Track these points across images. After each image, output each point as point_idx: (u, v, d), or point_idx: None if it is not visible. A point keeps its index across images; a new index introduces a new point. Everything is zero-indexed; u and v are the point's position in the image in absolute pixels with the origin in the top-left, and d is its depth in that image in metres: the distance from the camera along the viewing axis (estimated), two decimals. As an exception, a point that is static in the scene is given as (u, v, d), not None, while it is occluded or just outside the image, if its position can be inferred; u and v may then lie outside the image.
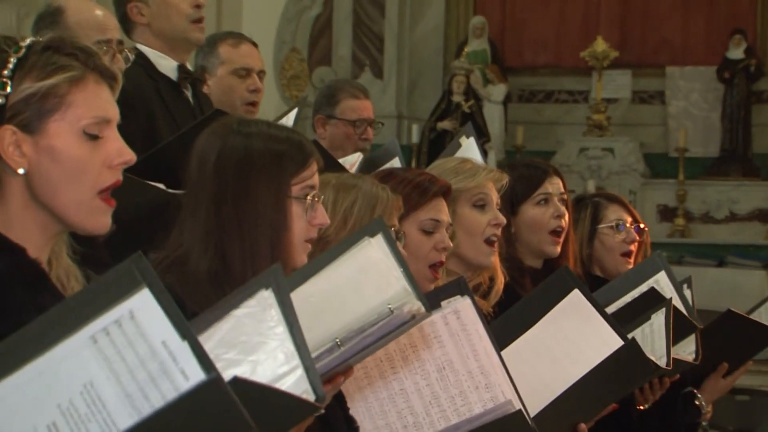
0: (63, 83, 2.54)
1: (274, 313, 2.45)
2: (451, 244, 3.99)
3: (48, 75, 2.54)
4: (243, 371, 2.27)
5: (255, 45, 6.13)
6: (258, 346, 2.41)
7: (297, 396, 2.37)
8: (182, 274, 3.05)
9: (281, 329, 2.43)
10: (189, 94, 5.42)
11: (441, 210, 3.96)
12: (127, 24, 5.40)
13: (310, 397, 2.36)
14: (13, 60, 2.55)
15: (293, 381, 2.37)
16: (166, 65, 5.36)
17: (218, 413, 1.88)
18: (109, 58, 4.47)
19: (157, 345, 1.90)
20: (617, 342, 3.93)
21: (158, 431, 1.86)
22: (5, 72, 2.54)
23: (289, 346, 2.42)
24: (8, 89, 2.53)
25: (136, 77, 5.00)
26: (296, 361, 2.41)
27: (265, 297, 2.45)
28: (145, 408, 1.88)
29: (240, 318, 2.43)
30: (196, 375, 1.89)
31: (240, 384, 2.12)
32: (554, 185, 4.86)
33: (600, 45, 14.25)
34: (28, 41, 2.59)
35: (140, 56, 5.26)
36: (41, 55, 2.56)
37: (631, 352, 3.96)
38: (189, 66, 5.54)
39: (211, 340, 1.95)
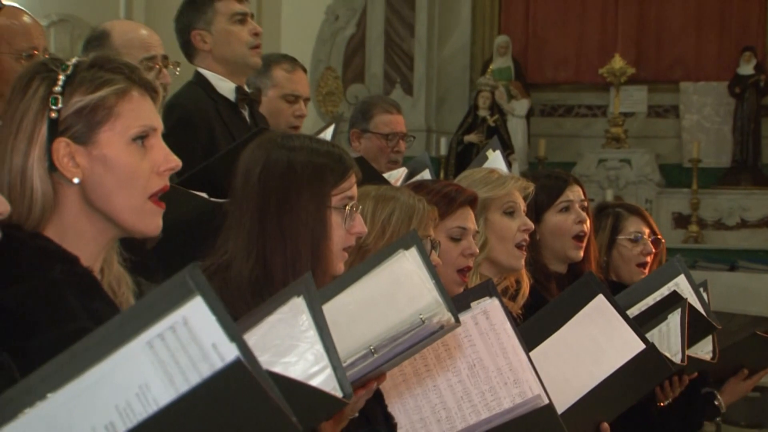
0: (110, 96, 2.54)
1: (305, 318, 2.46)
2: (477, 250, 3.99)
3: (96, 89, 2.54)
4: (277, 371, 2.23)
5: (305, 71, 6.12)
6: (290, 348, 2.42)
7: (326, 391, 2.38)
8: (224, 280, 3.04)
9: (312, 333, 2.45)
10: (246, 113, 5.45)
11: (468, 218, 3.95)
12: (189, 50, 5.47)
13: (338, 394, 2.37)
14: (62, 78, 2.55)
15: (323, 379, 2.38)
16: (225, 87, 5.39)
17: (245, 397, 1.85)
18: (155, 74, 4.51)
19: (208, 347, 1.88)
20: (639, 345, 3.90)
21: (189, 413, 1.85)
22: (56, 89, 2.54)
23: (319, 348, 2.43)
24: (60, 104, 2.53)
25: (197, 98, 5.12)
26: (325, 361, 2.42)
27: (297, 303, 2.46)
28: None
29: (273, 323, 2.45)
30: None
31: (273, 378, 2.11)
32: (575, 193, 4.84)
33: (617, 62, 14.24)
34: (74, 60, 2.60)
35: (201, 79, 5.36)
36: (88, 72, 2.56)
37: (651, 356, 3.93)
38: (246, 87, 5.56)
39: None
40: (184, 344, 1.88)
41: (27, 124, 2.54)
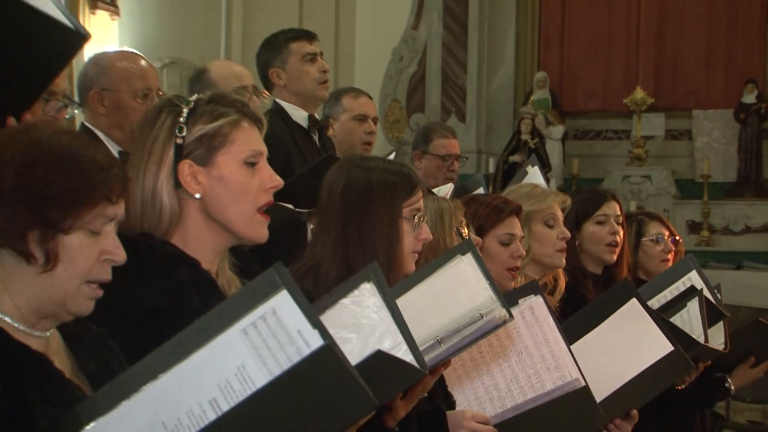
0: (226, 125, 2.58)
1: (377, 300, 2.45)
2: (525, 253, 4.00)
3: (214, 119, 2.58)
4: (353, 347, 2.26)
5: (370, 97, 6.16)
6: (365, 326, 2.41)
7: (408, 362, 2.35)
8: (315, 278, 3.05)
9: (384, 313, 2.43)
10: (316, 138, 5.48)
11: (515, 226, 3.96)
12: (267, 84, 5.49)
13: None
14: (185, 111, 2.59)
15: (400, 354, 2.36)
16: (299, 115, 5.42)
17: (331, 377, 1.85)
18: (246, 100, 4.55)
19: (294, 334, 1.89)
20: (668, 347, 3.89)
21: (281, 395, 1.85)
22: (181, 119, 2.57)
23: (393, 327, 2.42)
24: (184, 132, 2.56)
25: (275, 125, 5.07)
26: (400, 338, 2.41)
27: (367, 288, 2.46)
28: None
29: (347, 305, 2.45)
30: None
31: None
32: (611, 208, 4.81)
33: (639, 93, 14.14)
34: (195, 96, 2.64)
35: (278, 108, 5.39)
36: (207, 106, 2.60)
37: (678, 356, 3.91)
38: (316, 115, 5.60)
39: (325, 323, 1.92)
40: (273, 331, 1.90)
41: (157, 149, 2.58)
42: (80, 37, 2.69)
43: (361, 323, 2.41)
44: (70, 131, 2.22)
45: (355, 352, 2.12)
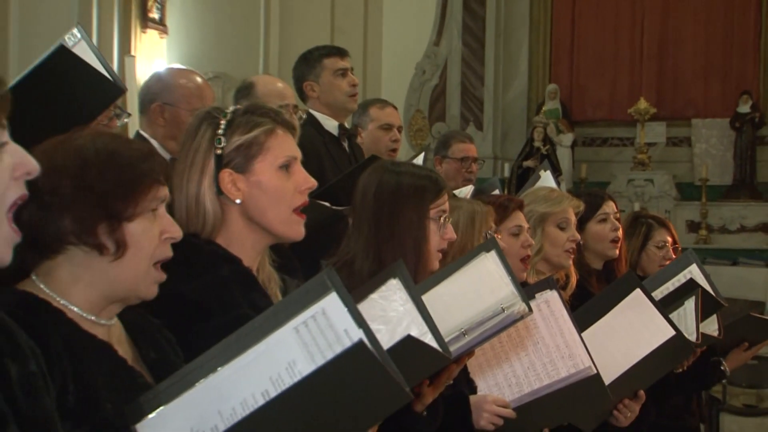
0: (261, 134, 2.57)
1: (403, 294, 2.46)
2: (533, 242, 4.00)
3: (250, 129, 2.57)
4: (382, 337, 2.21)
5: (395, 108, 6.17)
6: (392, 318, 2.42)
7: (435, 348, 2.36)
8: (350, 273, 3.06)
9: (410, 306, 2.44)
10: (346, 145, 5.49)
11: (520, 218, 3.95)
12: (302, 95, 5.51)
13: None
14: (223, 123, 2.58)
15: (426, 341, 2.38)
16: (330, 125, 5.43)
17: (366, 370, 1.84)
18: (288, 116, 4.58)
19: (341, 332, 1.90)
20: (670, 332, 3.88)
21: (321, 387, 1.85)
22: (219, 131, 2.57)
23: (418, 318, 2.43)
24: (223, 143, 2.56)
25: (308, 134, 5.14)
26: (425, 328, 2.42)
27: (394, 284, 2.47)
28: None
29: (376, 299, 2.46)
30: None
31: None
32: (610, 207, 4.84)
33: (642, 104, 14.07)
34: (231, 108, 2.63)
35: (312, 118, 5.38)
36: (243, 117, 2.60)
37: (679, 340, 3.90)
38: (346, 124, 5.62)
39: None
40: (322, 329, 1.91)
41: (198, 159, 2.58)
42: (118, 89, 2.74)
43: (389, 316, 2.43)
44: (103, 132, 2.26)
45: (384, 341, 2.11)
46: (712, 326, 4.66)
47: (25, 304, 2.04)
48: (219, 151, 2.56)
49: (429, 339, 2.41)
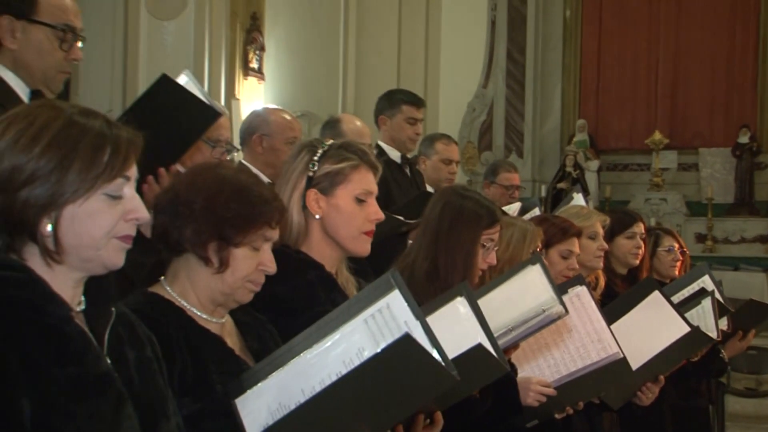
0: (347, 167, 2.57)
1: (468, 311, 2.43)
2: (578, 267, 3.94)
3: (339, 161, 2.57)
4: (451, 346, 2.19)
5: (457, 144, 6.13)
6: (459, 330, 2.38)
7: (498, 358, 2.33)
8: (412, 273, 3.05)
9: (474, 322, 2.41)
10: (407, 171, 5.47)
11: (574, 245, 3.90)
12: (377, 123, 5.53)
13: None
14: (320, 152, 2.58)
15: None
16: (394, 154, 5.42)
17: (417, 363, 1.81)
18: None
19: (402, 324, 1.89)
20: (685, 328, 3.82)
21: (375, 373, 1.82)
22: (315, 158, 2.57)
23: (480, 330, 2.39)
24: (316, 168, 2.55)
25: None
26: (487, 342, 2.38)
27: (460, 301, 2.44)
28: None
29: (444, 313, 2.42)
30: (424, 341, 1.86)
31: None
32: (639, 228, 4.80)
33: (657, 135, 13.93)
34: (329, 142, 2.63)
35: (380, 149, 5.38)
36: (336, 150, 2.59)
37: (694, 335, 3.85)
38: (408, 155, 5.60)
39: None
40: (387, 321, 1.90)
41: (294, 177, 2.58)
42: (215, 112, 2.74)
43: (455, 329, 2.39)
44: (245, 171, 2.28)
45: (450, 349, 2.08)
46: (722, 324, 4.61)
47: (152, 303, 2.09)
48: (311, 174, 2.56)
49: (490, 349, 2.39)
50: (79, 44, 2.82)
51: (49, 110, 1.64)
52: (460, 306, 2.47)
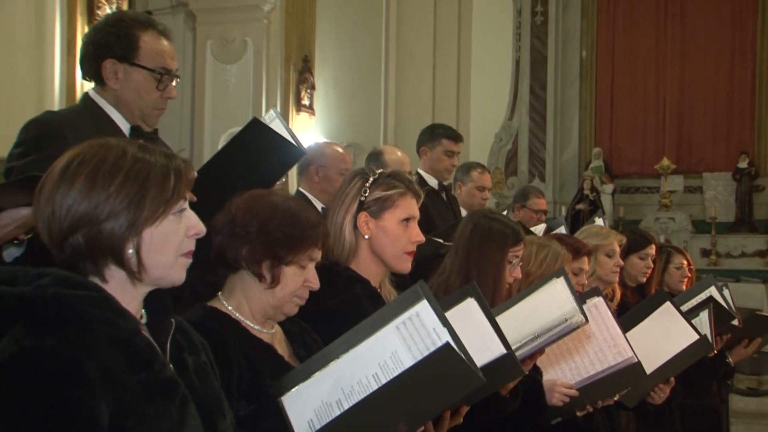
0: (395, 194, 2.56)
1: (479, 314, 2.39)
2: (587, 283, 3.86)
3: (388, 189, 2.57)
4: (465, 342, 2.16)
5: (490, 172, 6.07)
6: (470, 331, 2.32)
7: (518, 363, 2.28)
8: (446, 287, 3.02)
9: (485, 322, 2.37)
10: (444, 195, 5.42)
11: (585, 263, 3.83)
12: (418, 152, 5.48)
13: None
14: (371, 179, 2.58)
15: (497, 351, 2.31)
16: (432, 181, 5.38)
17: (452, 368, 1.79)
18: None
19: (431, 330, 1.89)
20: (695, 336, 3.75)
21: (414, 381, 1.80)
22: (367, 184, 2.57)
23: (491, 332, 2.36)
24: (367, 193, 2.55)
25: None
26: (497, 339, 2.34)
27: (469, 302, 2.41)
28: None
29: (455, 313, 2.38)
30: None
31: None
32: (652, 249, 4.77)
33: (665, 161, 13.84)
34: (380, 170, 2.64)
35: (420, 177, 5.34)
36: (386, 179, 2.59)
37: (702, 342, 3.77)
38: (443, 182, 5.56)
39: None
40: (417, 328, 1.90)
41: (347, 200, 2.58)
42: (300, 152, 2.68)
43: (466, 329, 2.35)
44: (294, 199, 2.29)
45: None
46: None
47: (211, 316, 2.10)
48: (363, 198, 2.55)
49: (499, 348, 2.33)
50: (174, 83, 2.79)
51: (114, 149, 1.64)
52: (472, 310, 2.43)
